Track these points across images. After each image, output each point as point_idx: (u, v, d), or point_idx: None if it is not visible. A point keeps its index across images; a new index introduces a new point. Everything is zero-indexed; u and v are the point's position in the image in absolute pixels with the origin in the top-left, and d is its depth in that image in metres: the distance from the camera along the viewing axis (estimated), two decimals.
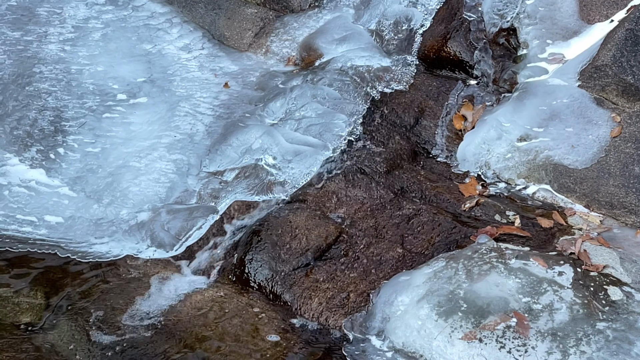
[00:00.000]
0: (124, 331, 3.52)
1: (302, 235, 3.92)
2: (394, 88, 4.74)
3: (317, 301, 3.69)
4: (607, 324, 3.21)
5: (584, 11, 4.65)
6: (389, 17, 5.07)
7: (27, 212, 4.13)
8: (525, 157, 4.21)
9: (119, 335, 3.51)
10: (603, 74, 4.24)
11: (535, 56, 4.63)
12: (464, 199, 4.15)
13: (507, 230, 3.83)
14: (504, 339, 3.18)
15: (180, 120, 4.62)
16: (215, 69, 5.04)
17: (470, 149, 4.38)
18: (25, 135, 4.49)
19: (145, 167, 4.35)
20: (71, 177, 4.33)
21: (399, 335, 3.35)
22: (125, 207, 4.17)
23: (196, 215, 4.07)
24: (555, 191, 4.12)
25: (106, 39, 5.18)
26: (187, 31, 5.33)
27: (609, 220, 3.95)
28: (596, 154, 4.11)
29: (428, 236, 3.93)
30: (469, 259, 3.52)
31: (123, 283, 3.81)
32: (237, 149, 4.35)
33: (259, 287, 3.80)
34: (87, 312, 3.63)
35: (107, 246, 4.00)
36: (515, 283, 3.37)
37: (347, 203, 4.16)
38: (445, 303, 3.33)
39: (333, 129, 4.42)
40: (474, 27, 4.80)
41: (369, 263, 3.83)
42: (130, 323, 3.58)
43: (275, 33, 5.23)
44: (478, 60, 4.73)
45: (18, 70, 4.83)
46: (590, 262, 3.52)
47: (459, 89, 4.73)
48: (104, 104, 4.71)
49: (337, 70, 4.76)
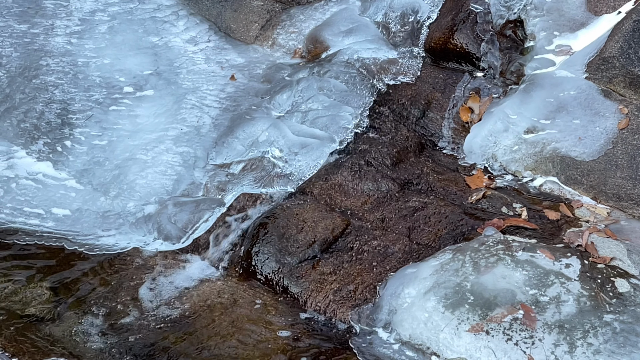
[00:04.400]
0: (131, 323, 3.53)
1: (309, 227, 3.92)
2: (400, 80, 4.74)
3: (324, 293, 3.69)
4: (615, 316, 3.21)
5: (591, 3, 4.64)
6: (396, 9, 5.06)
7: (34, 204, 4.14)
8: (532, 149, 4.21)
9: (125, 327, 3.52)
10: (610, 65, 4.22)
11: (543, 48, 4.62)
12: (470, 191, 4.15)
13: (514, 222, 3.83)
14: (511, 331, 3.18)
15: (186, 113, 4.62)
16: (221, 61, 5.04)
17: (477, 141, 4.37)
18: (32, 128, 4.50)
19: (152, 159, 4.35)
20: (78, 170, 4.33)
21: (405, 327, 3.36)
22: (132, 199, 4.17)
23: (203, 208, 4.08)
24: (562, 183, 4.11)
25: (112, 31, 5.18)
26: (194, 24, 5.32)
27: (616, 212, 3.94)
28: (603, 146, 4.09)
29: (435, 228, 3.92)
30: (476, 251, 3.52)
31: (129, 276, 3.82)
32: (244, 142, 4.35)
33: (265, 279, 3.80)
34: (93, 304, 3.64)
35: (114, 239, 4.01)
36: (522, 275, 3.37)
37: (354, 195, 4.16)
38: (452, 295, 3.34)
39: (339, 121, 4.42)
40: (480, 19, 4.79)
41: (376, 255, 3.83)
42: (136, 315, 3.59)
43: (281, 25, 5.22)
44: (485, 53, 4.72)
45: (25, 63, 4.84)
46: (597, 254, 3.52)
47: (466, 81, 4.72)
48: (110, 97, 4.72)
49: (344, 62, 4.75)
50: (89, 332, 3.49)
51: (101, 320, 3.55)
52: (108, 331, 3.49)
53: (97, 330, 3.50)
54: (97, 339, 3.46)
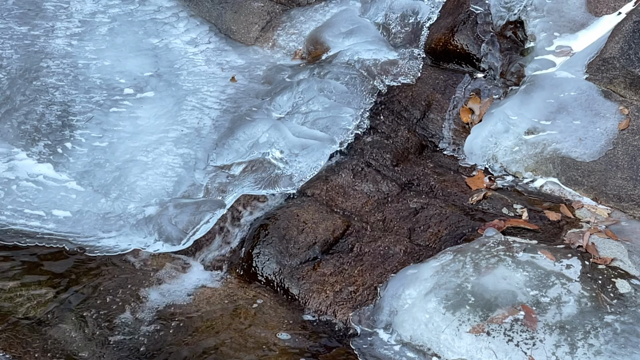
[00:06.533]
0: (131, 325, 3.53)
1: (310, 229, 3.92)
2: (400, 81, 4.74)
3: (325, 295, 3.69)
4: (615, 316, 3.21)
5: (591, 3, 4.64)
6: (396, 11, 5.06)
7: (35, 206, 4.15)
8: (533, 150, 4.21)
9: (125, 329, 3.52)
10: (611, 66, 4.22)
11: (543, 49, 4.62)
12: (471, 192, 4.15)
13: (515, 223, 3.83)
14: (511, 332, 3.18)
15: (187, 115, 4.62)
16: (222, 62, 5.04)
17: (477, 142, 4.37)
18: (33, 129, 4.50)
19: (153, 161, 4.35)
20: (79, 172, 4.33)
21: (406, 328, 3.36)
22: (132, 201, 4.18)
23: (203, 209, 4.08)
24: (562, 184, 4.11)
25: (113, 33, 5.18)
26: (194, 25, 5.33)
27: (617, 213, 3.94)
28: (604, 146, 4.09)
29: (435, 229, 3.92)
30: (477, 252, 3.52)
31: (130, 277, 3.82)
32: (244, 143, 4.35)
33: (266, 281, 3.80)
34: (94, 306, 3.64)
35: (115, 240, 4.01)
36: (523, 276, 3.37)
37: (355, 196, 4.16)
38: (453, 296, 3.33)
39: (340, 122, 4.42)
40: (481, 20, 4.79)
41: (377, 256, 3.83)
42: (137, 317, 3.59)
43: (282, 27, 5.23)
44: (485, 53, 4.72)
45: (25, 65, 4.84)
46: (598, 254, 3.52)
47: (466, 82, 4.72)
48: (111, 98, 4.72)
49: (344, 63, 4.75)
50: (89, 334, 3.49)
51: (102, 322, 3.54)
52: (109, 333, 3.49)
53: (97, 332, 3.50)
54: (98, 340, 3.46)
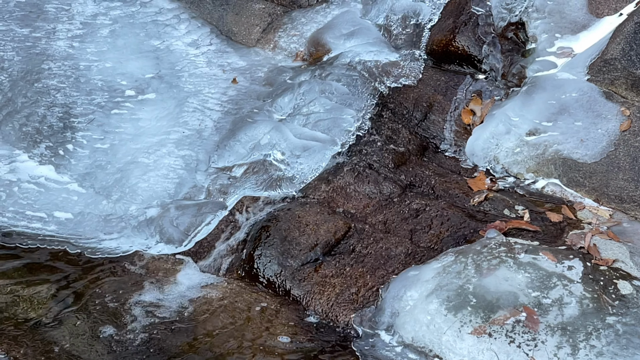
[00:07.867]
0: (132, 327, 3.53)
1: (311, 230, 3.92)
2: (402, 83, 4.74)
3: (326, 296, 3.69)
4: (617, 318, 3.20)
5: (592, 5, 4.64)
6: (397, 12, 5.06)
7: (36, 208, 4.15)
8: (534, 151, 4.20)
9: (126, 331, 3.52)
10: (612, 67, 4.22)
11: (544, 50, 4.62)
12: (472, 193, 4.15)
13: (516, 224, 3.82)
14: (513, 334, 3.17)
15: (188, 116, 4.63)
16: (223, 64, 5.04)
17: (478, 143, 4.37)
18: (35, 131, 4.50)
19: (154, 163, 4.36)
20: (80, 174, 4.34)
21: (408, 330, 3.35)
22: (134, 203, 4.18)
23: (205, 211, 4.08)
24: (564, 185, 4.10)
25: (114, 35, 5.18)
26: (195, 27, 5.33)
27: (619, 214, 3.93)
28: (605, 147, 4.09)
29: (437, 231, 3.92)
30: (478, 254, 3.52)
31: (131, 279, 3.82)
32: (246, 145, 4.35)
33: (268, 282, 3.80)
34: (95, 307, 3.64)
35: (117, 242, 4.01)
36: (525, 277, 3.36)
37: (356, 198, 4.16)
38: (455, 298, 3.33)
39: (341, 124, 4.42)
40: (482, 22, 4.79)
41: (378, 258, 3.83)
42: (138, 319, 3.59)
43: (283, 28, 5.23)
44: (486, 55, 4.72)
45: (27, 67, 4.85)
46: (599, 256, 3.52)
47: (468, 84, 4.72)
48: (112, 100, 4.72)
49: (345, 65, 4.75)
50: (91, 336, 3.49)
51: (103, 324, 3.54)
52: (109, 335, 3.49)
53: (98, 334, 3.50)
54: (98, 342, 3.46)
